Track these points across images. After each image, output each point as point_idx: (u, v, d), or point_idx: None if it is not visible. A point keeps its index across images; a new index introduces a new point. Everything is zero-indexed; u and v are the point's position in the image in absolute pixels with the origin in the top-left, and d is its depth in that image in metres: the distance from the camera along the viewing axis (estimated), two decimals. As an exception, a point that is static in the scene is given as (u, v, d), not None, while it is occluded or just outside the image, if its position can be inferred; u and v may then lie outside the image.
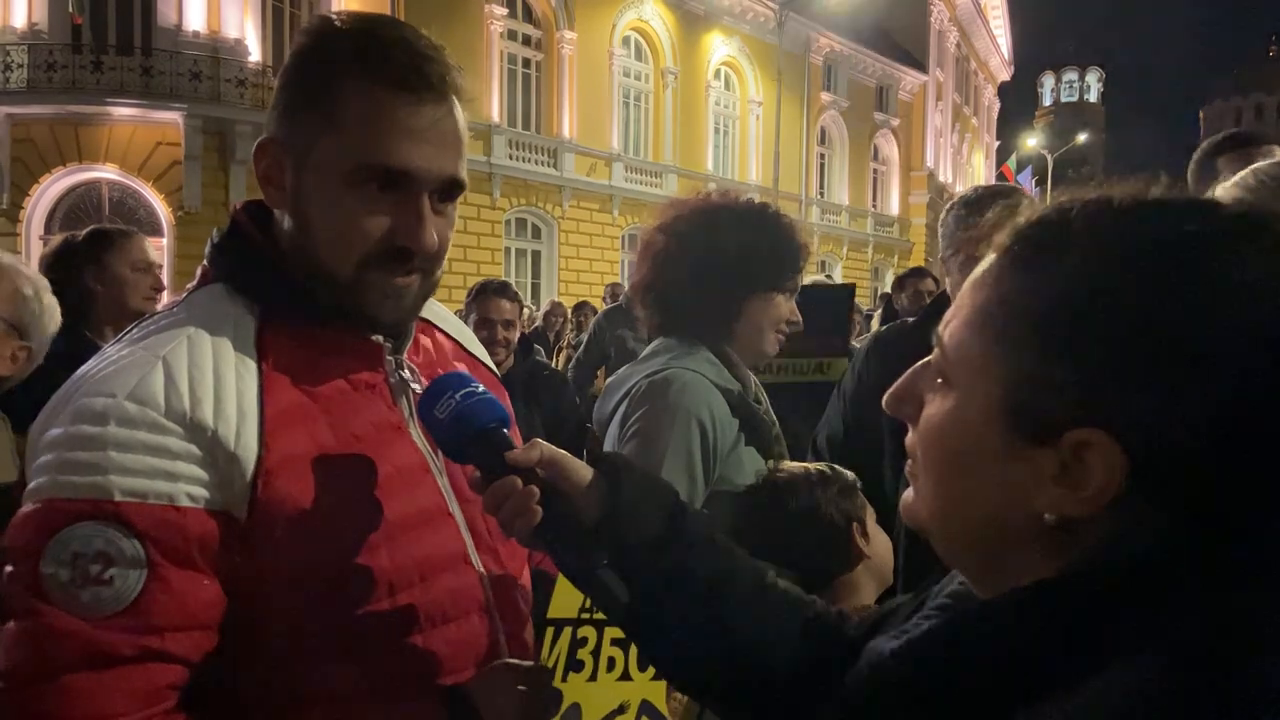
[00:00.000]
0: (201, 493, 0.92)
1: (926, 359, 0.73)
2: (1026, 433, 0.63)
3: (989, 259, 0.69)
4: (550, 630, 1.22)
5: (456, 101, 1.04)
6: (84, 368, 0.98)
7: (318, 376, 1.03)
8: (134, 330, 1.03)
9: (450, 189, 1.05)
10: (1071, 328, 0.61)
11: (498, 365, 3.75)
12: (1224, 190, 1.92)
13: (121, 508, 0.88)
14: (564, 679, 1.23)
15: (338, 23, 1.04)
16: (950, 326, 0.70)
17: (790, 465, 1.77)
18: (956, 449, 0.68)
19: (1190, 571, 0.58)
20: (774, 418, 1.97)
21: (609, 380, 2.00)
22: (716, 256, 1.82)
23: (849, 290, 4.49)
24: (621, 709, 1.30)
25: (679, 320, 1.91)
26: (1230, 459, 0.57)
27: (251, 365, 0.99)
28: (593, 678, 1.25)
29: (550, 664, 1.20)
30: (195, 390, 0.94)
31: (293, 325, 1.04)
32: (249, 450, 0.94)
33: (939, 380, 0.70)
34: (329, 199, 1.01)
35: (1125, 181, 0.66)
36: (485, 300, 3.83)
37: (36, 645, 0.87)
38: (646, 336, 2.03)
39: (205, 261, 1.09)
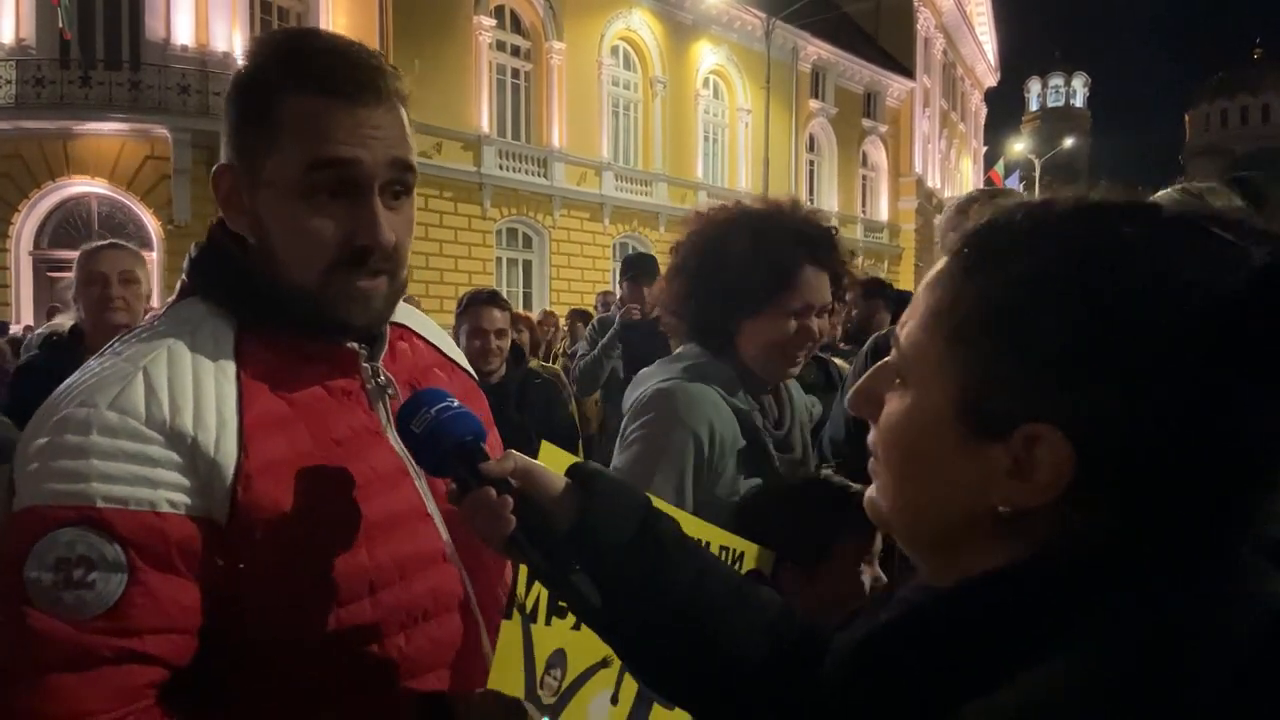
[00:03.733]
0: (182, 499, 0.95)
1: (886, 359, 0.75)
2: (979, 428, 0.65)
3: (941, 262, 0.71)
4: (524, 571, 1.21)
5: (398, 104, 1.06)
6: (69, 379, 1.01)
7: (295, 384, 1.05)
8: (116, 343, 1.06)
9: (401, 180, 1.07)
10: (1018, 326, 0.63)
11: (491, 375, 3.77)
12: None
13: (103, 514, 0.91)
14: (547, 623, 1.23)
15: (272, 41, 1.08)
16: (906, 327, 0.72)
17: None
18: (914, 446, 0.70)
19: (1134, 565, 0.61)
20: (794, 443, 1.90)
21: (640, 372, 1.94)
22: (708, 277, 1.78)
23: None
24: (605, 663, 1.31)
25: (696, 334, 1.87)
26: (1172, 453, 0.59)
27: (230, 374, 1.01)
28: (576, 627, 1.25)
29: (529, 607, 1.20)
30: (175, 399, 0.97)
31: (269, 335, 1.06)
32: (228, 456, 0.97)
33: (897, 380, 0.72)
34: (284, 213, 1.03)
35: (1069, 188, 0.69)
36: (476, 310, 3.83)
37: (21, 646, 0.89)
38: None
39: (184, 275, 1.11)
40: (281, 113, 1.01)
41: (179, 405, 0.96)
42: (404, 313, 1.26)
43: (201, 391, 0.98)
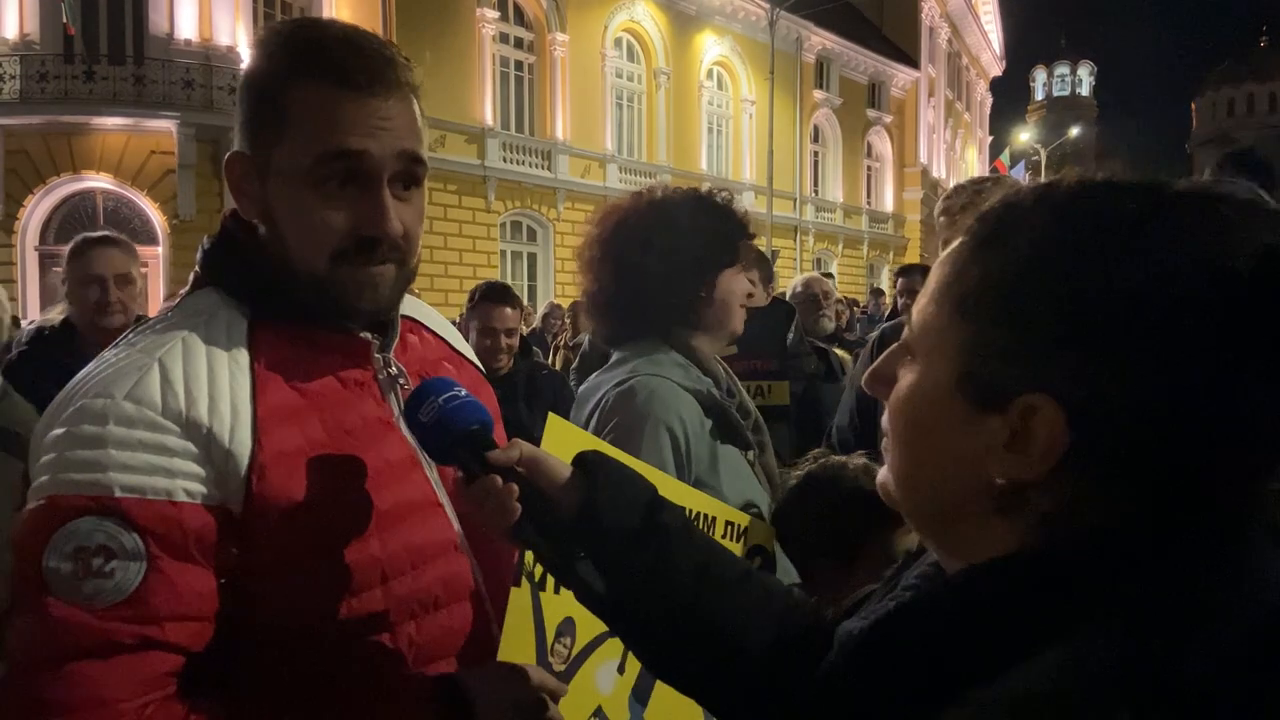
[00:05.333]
0: (198, 488, 0.96)
1: (901, 340, 0.75)
2: (979, 400, 0.65)
3: (955, 241, 0.72)
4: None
5: (409, 94, 1.06)
6: (84, 370, 1.02)
7: (308, 374, 1.06)
8: (130, 334, 1.07)
9: (410, 171, 1.07)
10: (1018, 298, 0.64)
11: (499, 370, 3.76)
12: None
13: (122, 503, 0.92)
14: (555, 592, 1.24)
15: (283, 31, 1.08)
16: (919, 304, 0.73)
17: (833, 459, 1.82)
18: (918, 418, 0.71)
19: (1140, 550, 0.60)
20: (750, 408, 1.96)
21: (580, 389, 1.98)
22: (679, 246, 1.84)
23: (786, 310, 4.01)
24: (611, 632, 1.31)
25: (643, 322, 1.89)
26: (1170, 431, 0.59)
27: (244, 364, 1.02)
28: None
29: (537, 575, 1.21)
30: (190, 390, 0.97)
31: (282, 325, 1.07)
32: (243, 446, 0.98)
33: (908, 356, 0.73)
34: (293, 201, 1.04)
35: (1076, 168, 0.70)
36: (489, 309, 3.77)
37: (42, 635, 0.90)
38: (602, 345, 2.02)
39: (197, 267, 1.12)
40: (292, 102, 1.02)
41: (194, 396, 0.97)
42: (413, 306, 1.26)
43: (216, 382, 0.99)
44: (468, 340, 1.55)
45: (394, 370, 1.14)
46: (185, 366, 0.99)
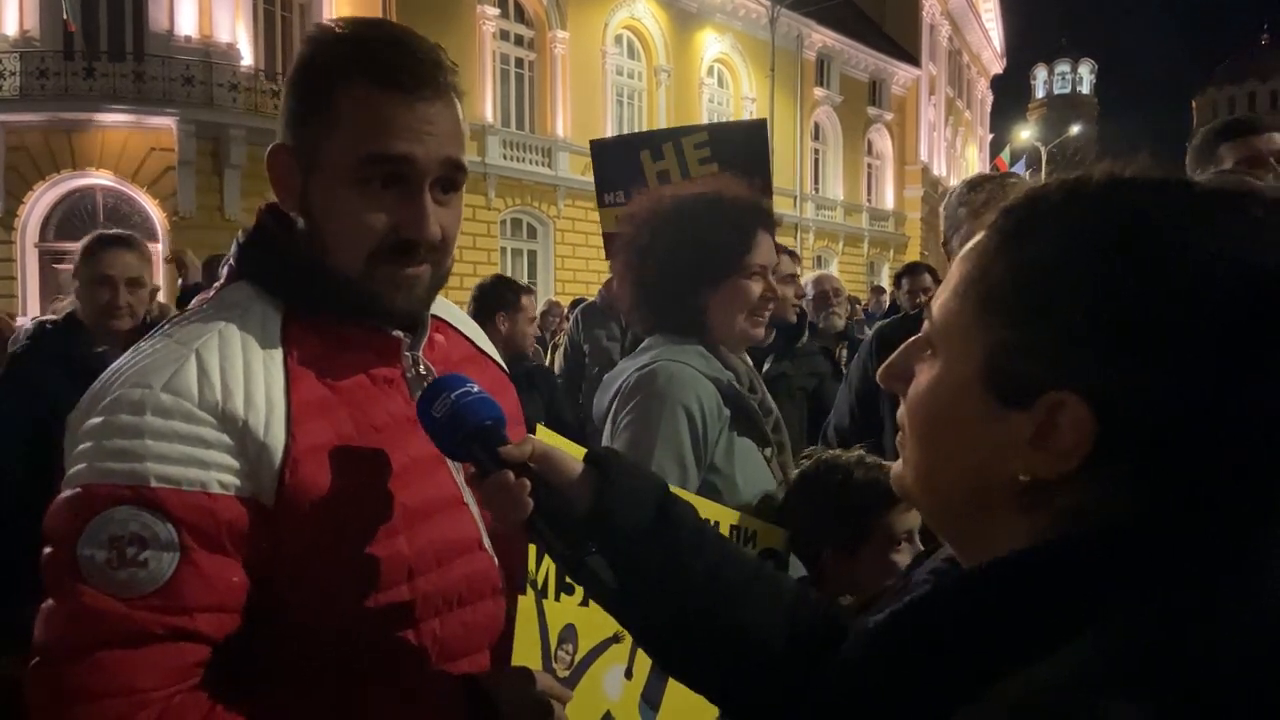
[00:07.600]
0: (232, 480, 0.96)
1: (918, 335, 0.75)
2: (1004, 396, 0.65)
3: (979, 235, 0.72)
4: (534, 547, 1.23)
5: (454, 99, 1.08)
6: (120, 360, 1.03)
7: (339, 370, 1.07)
8: (166, 325, 1.08)
9: (451, 177, 1.09)
10: (1046, 295, 0.64)
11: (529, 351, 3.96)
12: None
13: (157, 493, 0.92)
14: (556, 599, 1.27)
15: (336, 29, 1.09)
16: (939, 298, 0.73)
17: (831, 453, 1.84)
18: (940, 413, 0.71)
19: (1161, 546, 0.61)
20: (771, 406, 1.98)
21: (605, 376, 2.01)
22: (669, 259, 1.86)
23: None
24: (616, 638, 1.34)
25: (656, 317, 1.94)
26: (1194, 428, 0.59)
27: (278, 358, 1.03)
28: (584, 603, 1.27)
29: (540, 582, 1.24)
30: (227, 382, 0.98)
31: (315, 321, 1.08)
32: (277, 440, 0.98)
33: (928, 351, 0.73)
34: (335, 199, 1.05)
35: (1107, 162, 0.69)
36: (532, 298, 4.10)
37: (73, 623, 0.91)
38: (624, 338, 2.04)
39: (232, 260, 1.13)
40: (340, 101, 1.03)
41: (230, 389, 0.98)
42: (439, 304, 1.27)
43: (251, 375, 1.00)
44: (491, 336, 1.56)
45: (422, 369, 1.14)
46: (221, 359, 0.99)
